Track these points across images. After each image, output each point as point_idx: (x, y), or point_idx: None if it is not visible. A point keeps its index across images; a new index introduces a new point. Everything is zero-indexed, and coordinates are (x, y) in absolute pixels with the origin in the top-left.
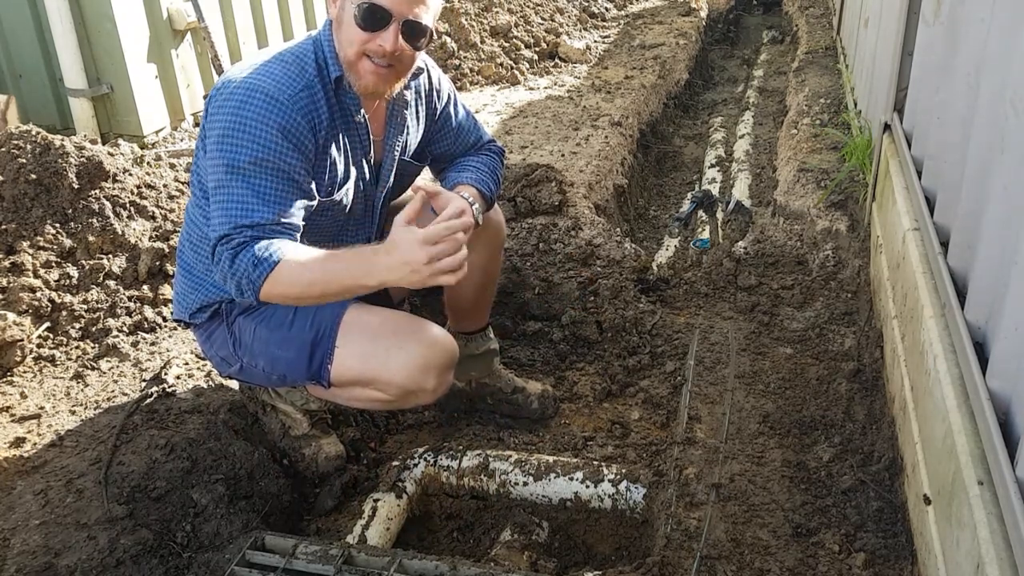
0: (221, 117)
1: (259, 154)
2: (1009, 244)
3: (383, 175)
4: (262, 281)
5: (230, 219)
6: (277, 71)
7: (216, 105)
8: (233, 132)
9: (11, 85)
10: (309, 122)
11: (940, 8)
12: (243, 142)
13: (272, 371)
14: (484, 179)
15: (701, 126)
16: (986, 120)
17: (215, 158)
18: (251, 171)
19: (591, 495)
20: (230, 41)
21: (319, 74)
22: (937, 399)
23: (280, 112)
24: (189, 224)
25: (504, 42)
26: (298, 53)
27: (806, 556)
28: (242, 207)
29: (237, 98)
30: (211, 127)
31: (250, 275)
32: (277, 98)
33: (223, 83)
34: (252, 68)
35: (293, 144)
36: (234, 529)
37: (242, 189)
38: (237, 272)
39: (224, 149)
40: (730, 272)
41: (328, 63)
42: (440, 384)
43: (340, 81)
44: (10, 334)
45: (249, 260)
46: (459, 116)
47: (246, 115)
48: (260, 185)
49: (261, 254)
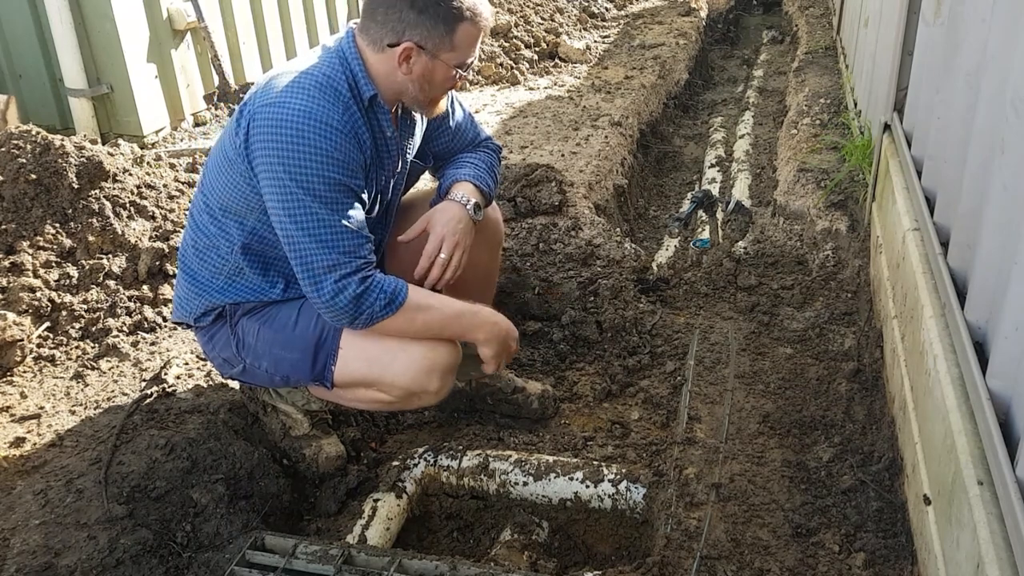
0: (278, 143)
1: (331, 177)
2: (1009, 244)
3: (398, 180)
4: (384, 318)
5: (329, 248)
6: (318, 96)
7: (267, 130)
8: (299, 158)
9: (11, 85)
10: (357, 144)
11: (940, 8)
12: (313, 168)
13: (275, 372)
14: (482, 176)
15: (701, 126)
16: (986, 120)
17: (282, 183)
18: (329, 195)
19: (591, 495)
20: (230, 41)
21: (352, 96)
22: (937, 399)
23: (337, 136)
24: (195, 232)
25: (504, 42)
26: (330, 75)
27: (806, 556)
28: (333, 233)
29: (294, 124)
30: (265, 152)
31: (375, 312)
32: (330, 123)
33: (266, 107)
34: (291, 91)
35: (350, 166)
36: (234, 529)
37: (326, 213)
38: (363, 306)
39: (294, 176)
40: (730, 272)
41: (359, 83)
42: (443, 386)
43: (375, 99)
44: (10, 334)
45: (379, 298)
46: (457, 115)
47: (308, 140)
48: (340, 207)
49: (390, 294)
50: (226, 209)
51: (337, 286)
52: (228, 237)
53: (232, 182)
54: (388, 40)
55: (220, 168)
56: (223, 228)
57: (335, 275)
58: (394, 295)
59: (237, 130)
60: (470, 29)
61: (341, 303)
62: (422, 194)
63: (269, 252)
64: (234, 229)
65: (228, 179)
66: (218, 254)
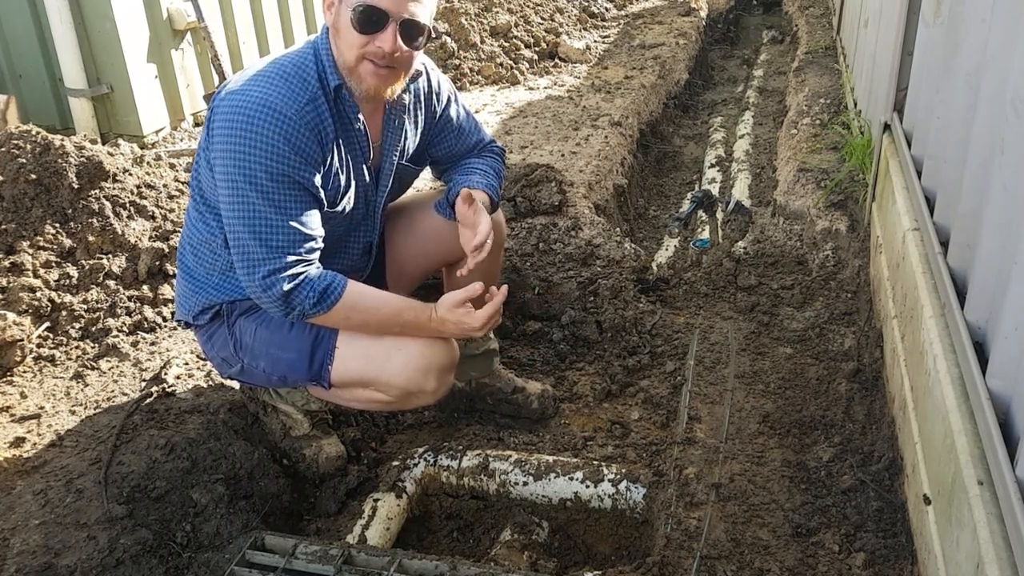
0: (229, 132)
1: (275, 169)
2: (1009, 244)
3: (382, 180)
4: (316, 315)
5: (262, 241)
6: (281, 84)
7: (223, 119)
8: (245, 148)
9: (11, 85)
10: (316, 135)
11: (940, 8)
12: (257, 158)
13: (273, 372)
14: (491, 183)
15: (701, 126)
16: (986, 120)
17: (229, 172)
18: (270, 187)
19: (591, 495)
20: (230, 41)
21: (320, 85)
22: (937, 399)
23: (289, 127)
24: (189, 228)
25: (504, 42)
26: (299, 64)
27: (806, 556)
28: (269, 227)
29: (246, 113)
30: (219, 141)
31: (306, 309)
32: (285, 113)
33: (228, 96)
34: (255, 80)
35: (304, 158)
36: (234, 529)
37: (265, 207)
38: (294, 303)
39: (238, 165)
40: (730, 272)
41: (327, 72)
42: (441, 385)
43: (339, 90)
44: (10, 334)
45: (308, 295)
46: (460, 118)
47: (256, 130)
48: (282, 201)
49: (320, 292)
50: (209, 204)
51: (267, 281)
52: (216, 232)
53: (208, 174)
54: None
55: (201, 162)
56: (209, 223)
57: (265, 269)
58: (325, 293)
59: (208, 119)
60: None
61: (271, 297)
62: (422, 197)
63: None
64: (217, 224)
65: (205, 171)
66: (211, 250)
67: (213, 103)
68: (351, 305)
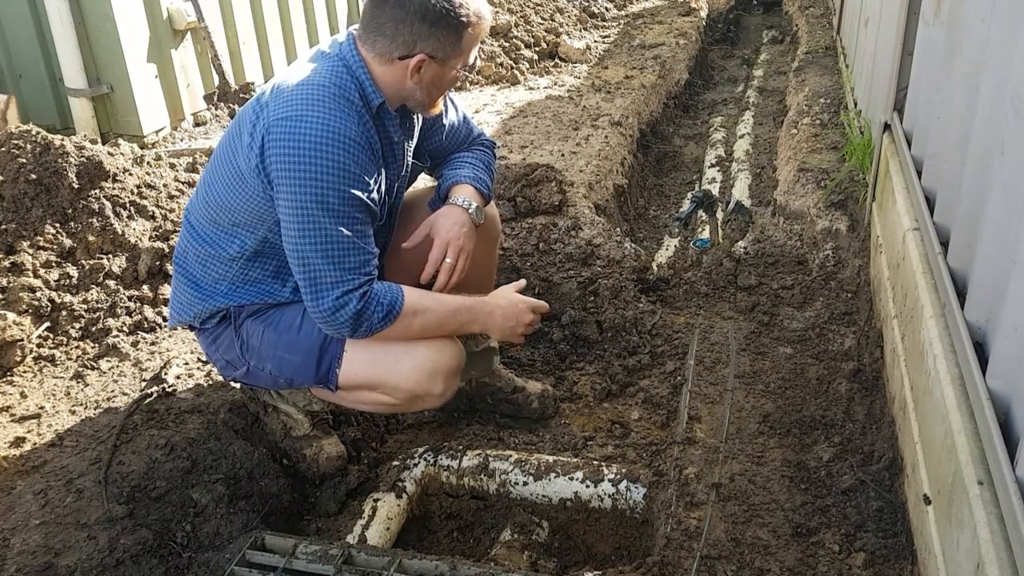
0: (297, 159)
1: (347, 192)
2: (1009, 244)
3: (402, 182)
4: (383, 328)
5: (336, 264)
6: (334, 107)
7: (286, 147)
8: (318, 174)
9: (11, 85)
10: (373, 154)
11: (940, 8)
12: (331, 183)
13: (279, 374)
14: (480, 176)
15: (701, 126)
16: (986, 120)
17: (298, 199)
18: (343, 210)
19: (591, 495)
20: (230, 41)
21: (363, 103)
22: (937, 399)
23: (357, 149)
24: (196, 240)
25: (504, 42)
26: (339, 84)
27: (806, 556)
28: (343, 249)
29: (312, 139)
30: (284, 169)
31: (374, 324)
32: (350, 136)
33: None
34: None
35: (370, 178)
36: (234, 529)
37: (338, 230)
38: (363, 320)
39: (311, 191)
40: (730, 272)
41: (366, 90)
42: (447, 389)
43: (382, 106)
44: (10, 334)
45: (377, 311)
46: (450, 112)
47: (328, 156)
48: (353, 223)
49: (387, 305)
50: (237, 223)
51: (339, 302)
52: (238, 245)
53: (246, 197)
54: (399, 53)
55: (230, 183)
56: (233, 237)
57: (338, 291)
58: (391, 306)
59: (252, 144)
60: (475, 32)
61: (342, 318)
62: (419, 194)
63: (282, 255)
64: (247, 238)
65: (240, 194)
66: (221, 261)
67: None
68: (412, 311)
